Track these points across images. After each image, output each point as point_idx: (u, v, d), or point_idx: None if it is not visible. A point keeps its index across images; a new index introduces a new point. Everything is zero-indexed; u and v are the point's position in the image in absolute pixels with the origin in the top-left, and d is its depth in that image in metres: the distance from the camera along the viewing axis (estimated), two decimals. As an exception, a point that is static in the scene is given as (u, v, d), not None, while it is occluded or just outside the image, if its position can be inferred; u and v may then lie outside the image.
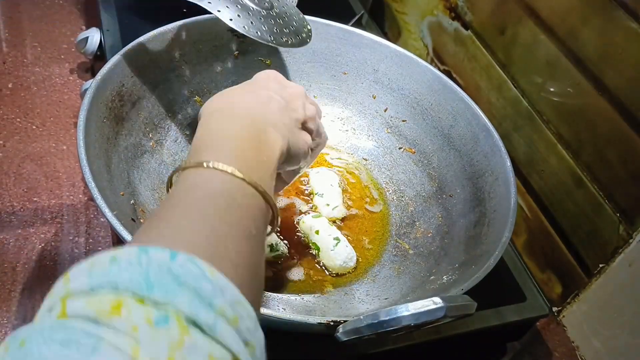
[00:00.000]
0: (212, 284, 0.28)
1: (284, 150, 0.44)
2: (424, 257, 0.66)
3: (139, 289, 0.26)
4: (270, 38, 0.62)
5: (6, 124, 0.89)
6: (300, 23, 0.69)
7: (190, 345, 0.26)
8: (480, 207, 0.65)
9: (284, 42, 0.64)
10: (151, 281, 0.27)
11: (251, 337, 0.29)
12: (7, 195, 0.79)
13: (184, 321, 0.26)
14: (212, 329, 0.27)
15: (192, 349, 0.26)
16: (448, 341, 0.62)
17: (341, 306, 0.61)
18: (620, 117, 0.61)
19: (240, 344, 0.28)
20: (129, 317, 0.25)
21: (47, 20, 1.09)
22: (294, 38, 0.65)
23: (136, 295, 0.26)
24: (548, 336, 0.71)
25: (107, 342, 0.24)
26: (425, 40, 0.95)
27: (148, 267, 0.27)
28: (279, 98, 0.47)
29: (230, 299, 0.28)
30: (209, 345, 0.26)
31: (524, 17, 0.72)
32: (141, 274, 0.27)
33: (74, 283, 0.27)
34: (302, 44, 0.67)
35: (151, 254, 0.28)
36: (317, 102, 0.80)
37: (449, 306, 0.42)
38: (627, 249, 0.62)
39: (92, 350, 0.24)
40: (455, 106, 0.72)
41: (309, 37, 0.69)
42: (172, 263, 0.28)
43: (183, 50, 0.71)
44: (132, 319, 0.25)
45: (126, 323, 0.25)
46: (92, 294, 0.27)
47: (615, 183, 0.63)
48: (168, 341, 0.25)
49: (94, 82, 0.59)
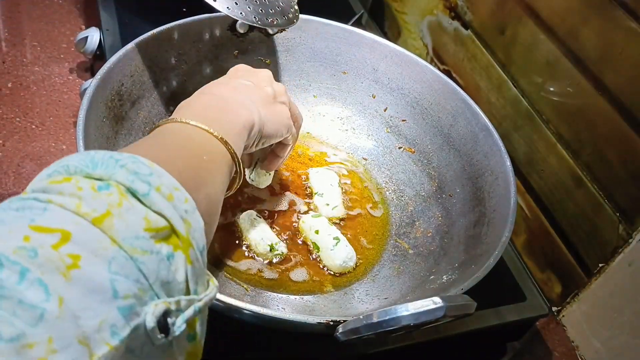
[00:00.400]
0: (150, 169, 0.32)
1: (253, 121, 0.50)
2: (424, 257, 0.66)
3: (86, 168, 0.32)
4: (255, 19, 0.62)
5: (5, 124, 0.89)
6: (287, 3, 0.68)
7: (127, 206, 0.30)
8: (480, 207, 0.65)
9: (269, 23, 0.63)
10: (96, 162, 0.32)
11: (188, 217, 0.32)
12: (7, 195, 0.79)
13: (123, 190, 0.31)
14: (147, 196, 0.31)
15: (130, 210, 0.30)
16: (448, 341, 0.62)
17: (341, 306, 0.61)
18: (620, 117, 0.61)
19: (175, 215, 0.31)
20: (76, 184, 0.30)
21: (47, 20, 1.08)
22: (279, 18, 0.65)
23: (83, 173, 0.31)
24: (548, 336, 0.71)
25: (55, 203, 0.29)
26: (425, 40, 0.95)
27: (94, 155, 0.32)
28: (247, 82, 0.55)
29: (167, 182, 0.32)
30: (145, 210, 0.31)
31: (524, 17, 0.72)
32: (88, 159, 0.32)
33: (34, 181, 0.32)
34: (289, 24, 0.67)
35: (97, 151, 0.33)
36: (317, 102, 0.81)
37: (448, 306, 0.42)
38: (626, 248, 0.62)
39: (42, 210, 0.29)
40: (455, 106, 0.72)
41: (296, 17, 0.68)
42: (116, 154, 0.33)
43: (183, 49, 0.70)
44: (78, 184, 0.30)
45: (73, 187, 0.30)
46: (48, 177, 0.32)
47: (615, 183, 0.63)
48: (108, 201, 0.30)
49: (94, 81, 0.59)
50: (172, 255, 0.30)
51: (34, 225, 0.27)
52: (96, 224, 0.28)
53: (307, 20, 0.76)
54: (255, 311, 0.46)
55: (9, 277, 0.25)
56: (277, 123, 0.55)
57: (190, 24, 0.70)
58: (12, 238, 0.27)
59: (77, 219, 0.28)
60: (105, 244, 0.28)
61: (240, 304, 0.46)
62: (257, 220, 0.64)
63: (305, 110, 0.80)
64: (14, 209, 0.29)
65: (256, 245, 0.62)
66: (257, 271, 0.62)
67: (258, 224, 0.64)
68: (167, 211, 0.31)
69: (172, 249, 0.31)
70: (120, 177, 0.31)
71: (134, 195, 0.31)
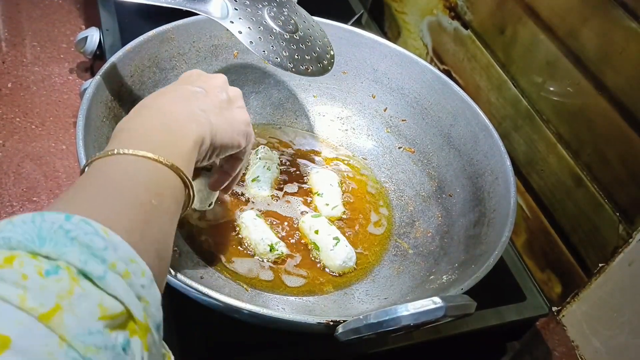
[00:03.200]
0: (104, 241, 0.29)
1: (203, 134, 0.44)
2: (424, 257, 0.66)
3: (32, 244, 0.27)
4: (290, 65, 0.58)
5: (5, 124, 0.89)
6: (324, 48, 0.64)
7: (80, 294, 0.26)
8: (480, 207, 0.65)
9: (304, 70, 0.60)
10: (43, 237, 0.28)
11: (145, 293, 0.30)
12: (7, 194, 0.79)
13: (75, 273, 0.27)
14: (102, 279, 0.28)
15: (82, 298, 0.26)
16: (448, 341, 0.62)
17: (341, 306, 0.61)
18: (620, 116, 0.61)
19: (132, 296, 0.29)
20: (19, 269, 0.26)
21: (47, 20, 1.08)
22: (314, 66, 0.61)
23: (28, 249, 0.27)
24: (548, 336, 0.71)
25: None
26: (425, 40, 0.95)
27: (41, 225, 0.28)
28: (198, 89, 0.48)
29: (122, 256, 0.29)
30: (99, 295, 0.27)
31: (524, 17, 0.72)
32: (34, 231, 0.28)
33: None
34: (324, 73, 0.63)
35: (46, 216, 0.29)
36: (317, 102, 0.81)
37: (448, 306, 0.42)
38: (626, 248, 0.62)
39: None
40: (455, 106, 0.72)
41: (331, 64, 0.65)
42: (66, 222, 0.29)
43: (182, 50, 0.70)
44: (23, 270, 0.26)
45: (16, 274, 0.26)
46: None
47: (615, 183, 0.63)
48: (57, 289, 0.26)
49: (94, 81, 0.59)
50: (128, 344, 0.28)
51: None
52: (43, 321, 0.25)
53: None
54: (254, 311, 0.46)
55: None
56: (232, 131, 0.49)
57: (190, 24, 0.70)
58: None
59: (21, 316, 0.25)
60: (52, 346, 0.24)
61: (240, 304, 0.46)
62: (257, 220, 0.64)
63: (305, 111, 0.80)
64: None
65: (256, 245, 0.62)
66: (257, 271, 0.62)
67: (258, 224, 0.64)
68: (123, 294, 0.28)
69: (129, 334, 0.28)
70: (71, 257, 0.27)
71: (87, 277, 0.27)
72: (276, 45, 0.58)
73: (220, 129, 0.47)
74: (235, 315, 0.48)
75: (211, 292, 0.46)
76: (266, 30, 0.58)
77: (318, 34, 0.65)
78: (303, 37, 0.62)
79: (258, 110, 0.79)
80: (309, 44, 0.62)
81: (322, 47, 0.64)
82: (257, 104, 0.79)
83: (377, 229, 0.70)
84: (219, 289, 0.49)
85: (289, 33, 0.60)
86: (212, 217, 0.65)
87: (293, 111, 0.80)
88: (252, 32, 0.57)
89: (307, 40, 0.62)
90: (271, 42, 0.58)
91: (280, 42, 0.59)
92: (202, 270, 0.59)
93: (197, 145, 0.43)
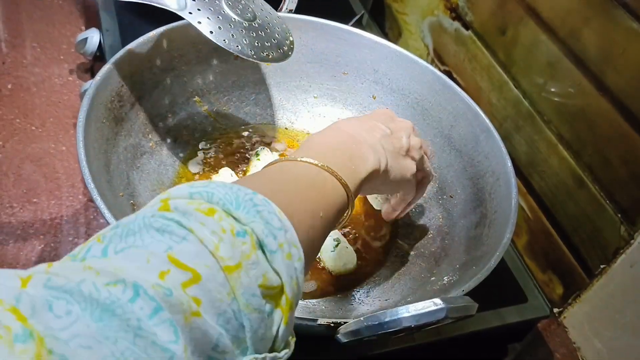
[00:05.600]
0: (280, 222, 0.33)
1: (378, 168, 0.48)
2: (425, 258, 0.66)
3: (230, 205, 0.32)
4: (251, 52, 0.60)
5: (5, 125, 0.89)
6: (283, 35, 0.66)
7: (254, 261, 0.30)
8: (481, 208, 0.65)
9: (265, 57, 0.62)
10: (239, 202, 0.32)
11: (297, 276, 0.33)
12: (7, 196, 0.79)
13: (255, 241, 0.31)
14: (273, 254, 0.32)
15: (255, 264, 0.30)
16: (449, 342, 0.62)
17: (341, 307, 0.60)
18: (622, 117, 0.61)
19: (288, 275, 0.32)
20: (219, 222, 0.30)
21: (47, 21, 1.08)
22: (275, 52, 0.63)
23: (225, 208, 0.32)
24: (549, 337, 0.71)
25: (195, 234, 0.29)
26: (426, 41, 0.95)
27: (237, 193, 0.32)
28: (384, 127, 0.52)
29: (290, 239, 0.33)
30: (267, 267, 0.31)
31: (525, 18, 0.72)
32: (232, 195, 0.32)
33: (175, 192, 0.33)
34: (284, 58, 0.65)
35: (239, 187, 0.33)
36: (317, 103, 0.81)
37: (449, 307, 0.42)
38: (628, 249, 0.62)
39: (181, 239, 0.29)
40: (455, 107, 0.72)
41: (291, 49, 0.66)
42: (254, 196, 0.33)
43: (182, 50, 0.70)
44: (221, 224, 0.30)
45: (216, 225, 0.30)
46: (191, 199, 0.32)
47: (616, 183, 0.62)
48: (242, 250, 0.30)
49: (94, 82, 0.59)
50: (272, 313, 0.32)
51: (172, 255, 0.28)
52: (225, 272, 0.29)
53: (308, 21, 0.76)
54: (255, 313, 0.46)
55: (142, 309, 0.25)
56: (397, 175, 0.52)
57: (190, 25, 0.70)
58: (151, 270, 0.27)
59: (211, 261, 0.29)
60: (224, 294, 0.29)
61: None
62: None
63: (306, 112, 0.80)
64: (155, 228, 0.30)
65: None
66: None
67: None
68: (284, 272, 0.32)
69: (274, 306, 0.32)
70: (256, 227, 0.31)
71: (262, 249, 0.31)
72: (236, 33, 0.59)
73: (392, 170, 0.51)
74: (235, 317, 0.48)
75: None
76: (225, 19, 0.60)
77: (276, 21, 0.67)
78: (261, 25, 0.63)
79: (258, 111, 0.79)
80: (268, 31, 0.63)
81: (281, 34, 0.66)
82: (257, 104, 0.79)
83: (378, 230, 0.70)
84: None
85: (247, 21, 0.61)
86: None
87: (293, 112, 0.80)
88: (211, 22, 0.58)
89: (265, 28, 0.63)
90: (231, 31, 0.59)
91: (239, 30, 0.60)
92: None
93: (369, 175, 0.47)
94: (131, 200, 0.60)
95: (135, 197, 0.61)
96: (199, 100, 0.73)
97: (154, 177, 0.66)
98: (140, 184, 0.63)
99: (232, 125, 0.77)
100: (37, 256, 0.74)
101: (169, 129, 0.70)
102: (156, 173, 0.66)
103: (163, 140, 0.69)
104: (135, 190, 0.62)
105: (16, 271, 0.26)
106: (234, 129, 0.77)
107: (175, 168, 0.69)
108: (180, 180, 0.68)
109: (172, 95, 0.70)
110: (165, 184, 0.67)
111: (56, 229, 0.77)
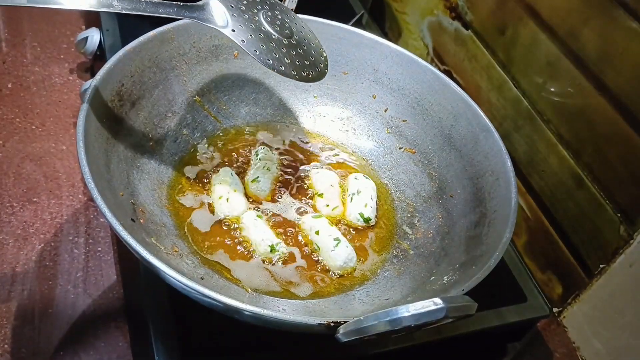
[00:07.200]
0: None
1: None
2: (425, 258, 0.66)
3: None
4: (293, 73, 0.59)
5: (6, 124, 0.89)
6: (318, 51, 0.64)
7: None
8: (480, 208, 0.65)
9: (306, 77, 0.60)
10: None
11: None
12: (7, 195, 0.79)
13: None
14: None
15: None
16: (448, 342, 0.62)
17: (342, 307, 0.60)
18: (621, 117, 0.61)
19: None
20: None
21: (47, 20, 1.08)
22: (313, 71, 0.61)
23: None
24: (549, 337, 0.71)
25: None
26: (426, 40, 0.95)
27: None
28: None
29: None
30: None
31: (525, 17, 0.72)
32: None
33: None
34: (321, 77, 0.63)
35: None
36: (317, 102, 0.81)
37: (449, 307, 0.42)
38: (627, 249, 0.62)
39: None
40: (455, 106, 0.72)
41: (327, 66, 0.64)
42: None
43: (183, 50, 0.70)
44: None
45: None
46: None
47: (615, 183, 0.63)
48: None
49: (94, 82, 0.59)
50: None
51: None
52: None
53: (308, 21, 0.76)
54: (255, 312, 0.46)
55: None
56: None
57: (190, 25, 0.70)
58: None
59: None
60: None
61: (241, 304, 0.46)
62: (257, 220, 0.64)
63: (306, 111, 0.80)
64: None
65: (257, 246, 0.62)
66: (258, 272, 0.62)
67: (259, 224, 0.64)
68: None
69: None
70: None
71: None
72: (278, 52, 0.58)
73: None
74: (235, 316, 0.48)
75: (212, 293, 0.46)
76: (267, 37, 0.58)
77: (310, 35, 0.65)
78: (299, 41, 0.61)
79: (258, 110, 0.79)
80: (305, 48, 0.61)
81: (316, 50, 0.64)
82: (257, 104, 0.79)
83: (378, 229, 0.70)
84: (220, 290, 0.49)
85: (286, 38, 0.60)
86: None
87: (293, 111, 0.80)
88: (253, 40, 0.57)
89: (303, 44, 0.61)
90: (273, 50, 0.57)
91: (281, 49, 0.58)
92: (203, 271, 0.59)
93: None
94: (131, 200, 0.60)
95: (135, 197, 0.61)
96: (199, 99, 0.73)
97: (154, 177, 0.66)
98: (141, 184, 0.63)
99: (232, 124, 0.77)
100: (38, 255, 0.74)
101: (169, 129, 0.70)
102: (156, 173, 0.67)
103: (163, 140, 0.69)
104: (136, 190, 0.62)
105: None
106: (234, 128, 0.77)
107: (175, 168, 0.69)
108: (180, 181, 0.68)
109: (173, 95, 0.70)
110: (165, 183, 0.67)
111: (56, 229, 0.77)
